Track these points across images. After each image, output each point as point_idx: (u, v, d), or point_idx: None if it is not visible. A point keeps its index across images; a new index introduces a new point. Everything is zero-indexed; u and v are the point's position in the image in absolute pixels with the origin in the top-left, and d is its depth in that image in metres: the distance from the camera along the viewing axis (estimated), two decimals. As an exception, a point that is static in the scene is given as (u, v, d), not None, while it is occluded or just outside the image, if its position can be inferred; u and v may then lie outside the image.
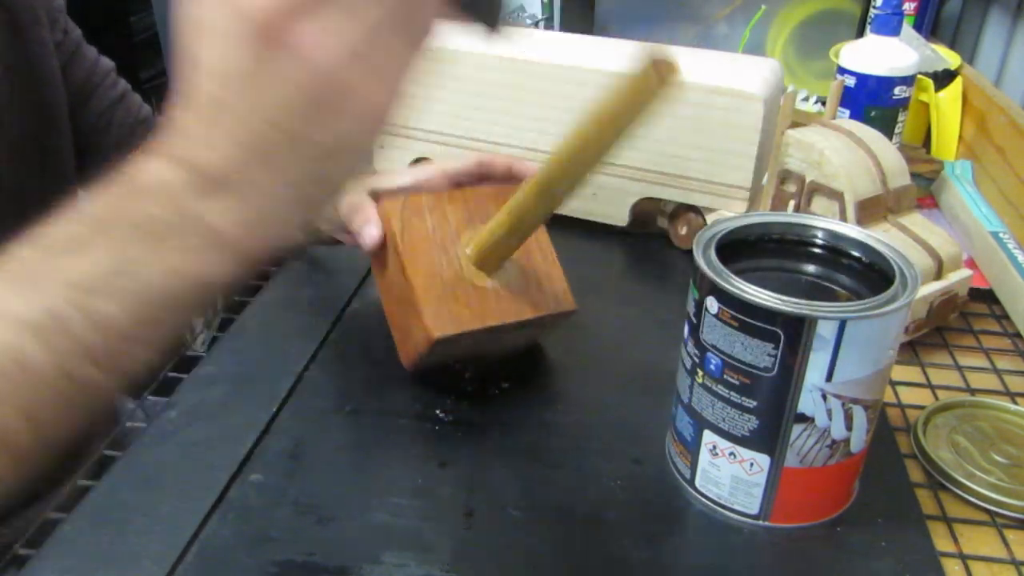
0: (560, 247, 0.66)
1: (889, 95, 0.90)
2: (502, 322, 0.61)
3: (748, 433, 0.50)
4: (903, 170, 0.72)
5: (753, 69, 0.80)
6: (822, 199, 0.71)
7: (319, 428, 0.60)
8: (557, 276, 0.65)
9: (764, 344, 0.47)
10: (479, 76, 0.85)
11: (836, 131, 0.72)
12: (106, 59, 0.79)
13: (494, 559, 0.50)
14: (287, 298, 0.75)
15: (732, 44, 1.33)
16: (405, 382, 0.64)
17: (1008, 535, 0.53)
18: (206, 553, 0.49)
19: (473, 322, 0.59)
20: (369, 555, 0.49)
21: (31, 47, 0.67)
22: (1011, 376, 0.68)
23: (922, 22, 1.25)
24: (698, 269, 0.49)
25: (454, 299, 0.59)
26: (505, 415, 0.62)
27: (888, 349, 0.48)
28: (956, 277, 0.70)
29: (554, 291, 0.64)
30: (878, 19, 0.90)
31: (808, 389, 0.47)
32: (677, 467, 0.56)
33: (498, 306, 0.61)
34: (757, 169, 0.79)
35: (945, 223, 0.89)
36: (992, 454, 0.58)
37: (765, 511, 0.52)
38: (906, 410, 0.63)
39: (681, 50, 0.87)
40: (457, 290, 0.60)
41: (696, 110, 0.78)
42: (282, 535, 0.51)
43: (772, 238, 0.55)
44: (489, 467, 0.57)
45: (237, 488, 0.54)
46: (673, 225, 0.86)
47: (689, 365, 0.52)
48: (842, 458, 0.50)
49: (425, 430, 0.60)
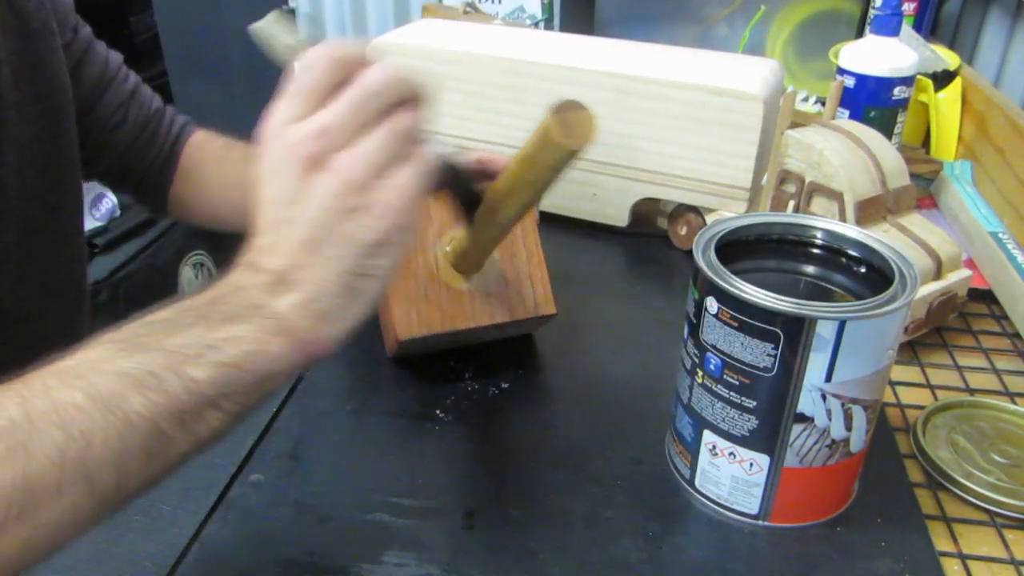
0: (560, 247, 0.66)
1: (888, 95, 0.90)
2: (473, 325, 0.62)
3: (748, 433, 0.50)
4: (902, 170, 0.72)
5: (753, 69, 0.80)
6: (822, 199, 0.71)
7: (319, 428, 0.60)
8: (540, 278, 0.64)
9: (764, 344, 0.47)
10: (479, 77, 0.85)
11: (836, 131, 0.72)
12: (115, 53, 0.78)
13: (494, 559, 0.50)
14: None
15: (732, 44, 1.33)
16: (405, 382, 0.64)
17: (1007, 535, 0.53)
18: (206, 553, 0.49)
19: (443, 325, 0.61)
20: (369, 555, 0.49)
21: (39, 53, 0.67)
22: (1010, 376, 0.68)
23: (921, 22, 1.25)
24: (698, 269, 0.49)
25: (425, 301, 0.60)
26: (505, 415, 0.62)
27: (888, 349, 0.48)
28: (955, 277, 0.70)
29: (534, 294, 0.64)
30: (877, 19, 0.90)
31: (808, 389, 0.47)
32: (677, 467, 0.56)
33: (471, 309, 0.62)
34: (757, 169, 0.79)
35: (944, 223, 0.89)
36: (991, 454, 0.58)
37: (765, 511, 0.52)
38: (905, 410, 0.63)
39: (681, 50, 0.87)
40: (430, 292, 0.61)
41: (696, 110, 0.78)
42: (282, 535, 0.51)
43: (772, 238, 0.55)
44: (489, 467, 0.57)
45: (237, 488, 0.54)
46: (673, 225, 0.86)
47: (689, 365, 0.52)
48: (842, 458, 0.50)
49: (425, 430, 0.60)
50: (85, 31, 0.75)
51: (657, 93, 0.79)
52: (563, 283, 0.78)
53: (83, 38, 0.74)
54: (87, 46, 0.74)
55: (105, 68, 0.76)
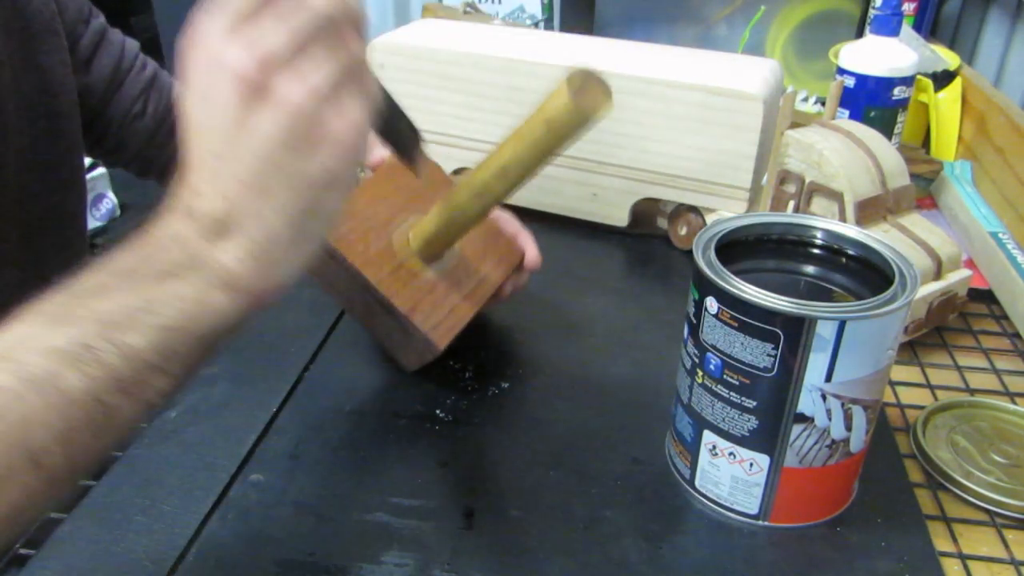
0: (560, 247, 0.66)
1: (888, 95, 0.90)
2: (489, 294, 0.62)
3: (748, 433, 0.50)
4: (902, 170, 0.72)
5: (753, 69, 0.80)
6: (822, 199, 0.71)
7: (319, 428, 0.60)
8: (492, 229, 0.64)
9: (764, 344, 0.47)
10: (479, 77, 0.85)
11: (836, 131, 0.72)
12: (132, 41, 0.78)
13: (494, 559, 0.50)
14: (287, 298, 0.75)
15: (732, 44, 1.33)
16: (405, 382, 0.64)
17: (1007, 535, 0.53)
18: (206, 553, 0.49)
19: (467, 309, 0.61)
20: (369, 555, 0.49)
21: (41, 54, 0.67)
22: (1010, 376, 0.68)
23: (921, 22, 1.25)
24: (698, 269, 0.49)
25: (432, 298, 0.59)
26: (505, 415, 0.62)
27: (888, 349, 0.48)
28: (955, 277, 0.70)
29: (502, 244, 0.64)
30: (877, 19, 0.90)
31: (808, 389, 0.47)
32: (677, 467, 0.56)
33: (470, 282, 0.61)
34: (757, 169, 0.79)
35: (944, 223, 0.89)
36: (991, 454, 0.58)
37: (765, 511, 0.52)
38: (905, 410, 0.63)
39: (681, 50, 0.87)
40: (433, 289, 0.60)
41: (696, 110, 0.78)
42: (282, 535, 0.51)
43: (772, 238, 0.55)
44: (489, 467, 0.57)
45: (237, 488, 0.54)
46: (673, 225, 0.86)
47: (689, 365, 0.52)
48: (842, 458, 0.50)
49: (425, 430, 0.60)
50: (98, 22, 0.74)
51: (657, 93, 0.79)
52: (563, 283, 0.78)
53: (95, 30, 0.74)
54: (100, 39, 0.74)
55: (121, 59, 0.75)
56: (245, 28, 0.34)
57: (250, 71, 0.33)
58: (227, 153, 0.34)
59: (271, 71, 0.33)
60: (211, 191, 0.35)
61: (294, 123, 0.34)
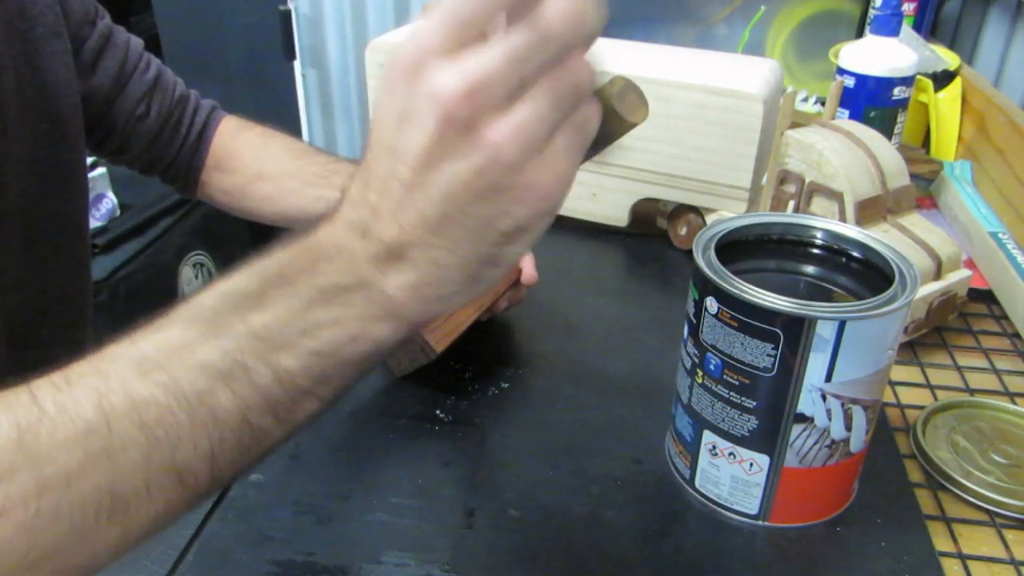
0: (560, 247, 0.66)
1: (888, 96, 0.90)
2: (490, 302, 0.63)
3: (748, 433, 0.50)
4: (902, 171, 0.72)
5: (753, 69, 0.80)
6: (821, 199, 0.71)
7: (319, 428, 0.60)
8: None
9: (764, 344, 0.47)
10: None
11: (835, 131, 0.72)
12: (136, 40, 0.78)
13: (494, 559, 0.50)
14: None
15: (732, 44, 1.33)
16: (405, 382, 0.64)
17: (1007, 535, 0.53)
18: (206, 553, 0.49)
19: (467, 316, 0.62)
20: (369, 555, 0.49)
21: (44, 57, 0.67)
22: (1010, 376, 0.68)
23: (921, 22, 1.25)
24: (698, 269, 0.49)
25: None
26: (505, 415, 0.62)
27: (887, 349, 0.48)
28: (955, 277, 0.70)
29: None
30: (877, 20, 0.90)
31: (808, 389, 0.47)
32: (677, 467, 0.56)
33: None
34: (757, 169, 0.79)
35: (944, 223, 0.89)
36: (991, 454, 0.58)
37: (765, 511, 0.52)
38: (905, 410, 0.63)
39: (681, 50, 0.87)
40: None
41: (696, 110, 0.78)
42: (282, 535, 0.51)
43: (772, 238, 0.55)
44: (489, 467, 0.57)
45: (237, 488, 0.54)
46: (673, 225, 0.86)
47: (689, 365, 0.52)
48: (841, 458, 0.50)
49: (425, 430, 0.60)
50: (103, 22, 0.74)
51: (657, 93, 0.79)
52: (563, 283, 0.78)
53: (101, 31, 0.74)
54: (105, 41, 0.74)
55: (126, 59, 0.75)
56: (464, 38, 0.31)
57: (457, 101, 0.30)
58: (415, 184, 0.32)
59: (480, 105, 0.30)
60: (392, 217, 0.32)
61: (493, 170, 0.31)
